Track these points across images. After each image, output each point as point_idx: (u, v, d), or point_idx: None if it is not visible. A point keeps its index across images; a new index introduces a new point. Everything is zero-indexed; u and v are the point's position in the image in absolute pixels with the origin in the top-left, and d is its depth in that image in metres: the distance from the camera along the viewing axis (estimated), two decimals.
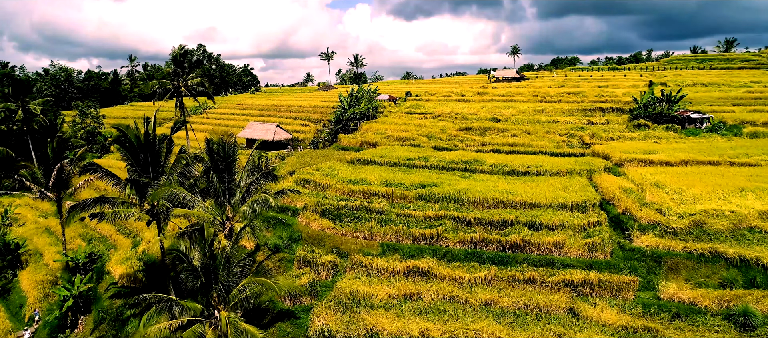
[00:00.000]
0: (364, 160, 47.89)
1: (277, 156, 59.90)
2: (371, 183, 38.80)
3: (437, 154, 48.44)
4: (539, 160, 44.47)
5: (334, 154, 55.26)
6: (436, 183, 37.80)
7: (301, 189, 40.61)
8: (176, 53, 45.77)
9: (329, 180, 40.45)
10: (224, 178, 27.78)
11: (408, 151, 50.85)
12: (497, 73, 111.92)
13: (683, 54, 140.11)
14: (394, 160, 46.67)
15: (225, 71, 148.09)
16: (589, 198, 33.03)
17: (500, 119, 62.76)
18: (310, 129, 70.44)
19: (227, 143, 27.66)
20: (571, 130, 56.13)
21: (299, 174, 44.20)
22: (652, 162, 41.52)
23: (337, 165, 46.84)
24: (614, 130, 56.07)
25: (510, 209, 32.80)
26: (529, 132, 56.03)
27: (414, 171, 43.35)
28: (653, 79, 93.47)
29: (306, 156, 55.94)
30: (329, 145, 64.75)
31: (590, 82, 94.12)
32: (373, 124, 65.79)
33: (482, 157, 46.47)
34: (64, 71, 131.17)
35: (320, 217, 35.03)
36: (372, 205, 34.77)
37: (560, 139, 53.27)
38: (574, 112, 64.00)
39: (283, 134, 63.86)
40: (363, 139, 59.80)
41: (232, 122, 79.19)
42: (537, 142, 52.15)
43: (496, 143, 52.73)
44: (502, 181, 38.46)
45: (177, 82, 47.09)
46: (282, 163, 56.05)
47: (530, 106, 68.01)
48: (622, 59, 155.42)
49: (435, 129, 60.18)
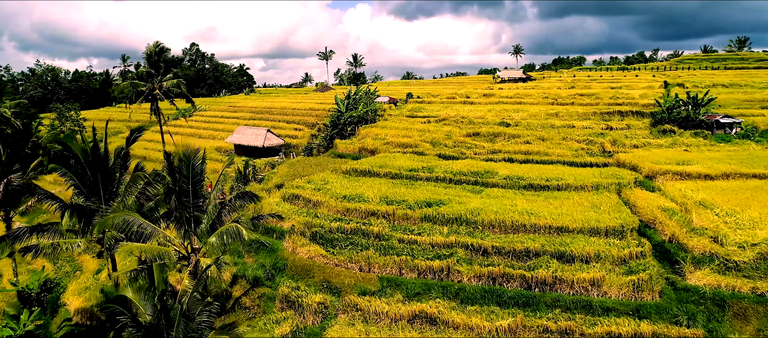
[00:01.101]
0: (361, 170, 42.83)
1: (267, 164, 54.84)
2: (369, 200, 33.74)
3: (443, 164, 43.39)
4: (558, 172, 39.44)
5: (328, 163, 50.21)
6: (444, 200, 32.75)
7: (290, 206, 35.53)
8: (150, 51, 40.66)
9: (321, 196, 35.39)
10: (188, 202, 22.73)
11: (410, 159, 45.81)
12: (503, 74, 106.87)
13: (694, 54, 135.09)
14: (396, 170, 41.62)
15: (219, 71, 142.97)
16: (625, 221, 27.97)
17: (510, 123, 57.70)
18: (304, 133, 65.41)
19: (192, 158, 22.59)
20: (590, 135, 51.07)
21: (288, 187, 39.14)
22: (688, 175, 36.48)
23: (332, 176, 41.77)
24: (637, 135, 51.02)
25: (533, 235, 27.74)
26: (543, 138, 50.97)
27: (418, 184, 38.30)
28: (668, 80, 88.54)
29: (298, 164, 50.86)
30: (325, 151, 59.72)
31: (601, 83, 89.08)
32: (371, 129, 60.75)
33: (494, 167, 41.42)
34: (50, 71, 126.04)
35: (309, 242, 29.98)
36: (370, 228, 29.70)
37: (578, 146, 48.21)
38: (590, 115, 58.95)
39: (274, 140, 58.81)
40: (361, 146, 54.78)
41: (221, 125, 74.15)
42: (553, 149, 47.09)
43: (508, 151, 47.67)
44: (519, 198, 33.41)
45: (151, 83, 41.99)
46: (271, 173, 51.00)
47: (542, 109, 62.94)
48: (630, 59, 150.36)
49: (439, 134, 55.12)
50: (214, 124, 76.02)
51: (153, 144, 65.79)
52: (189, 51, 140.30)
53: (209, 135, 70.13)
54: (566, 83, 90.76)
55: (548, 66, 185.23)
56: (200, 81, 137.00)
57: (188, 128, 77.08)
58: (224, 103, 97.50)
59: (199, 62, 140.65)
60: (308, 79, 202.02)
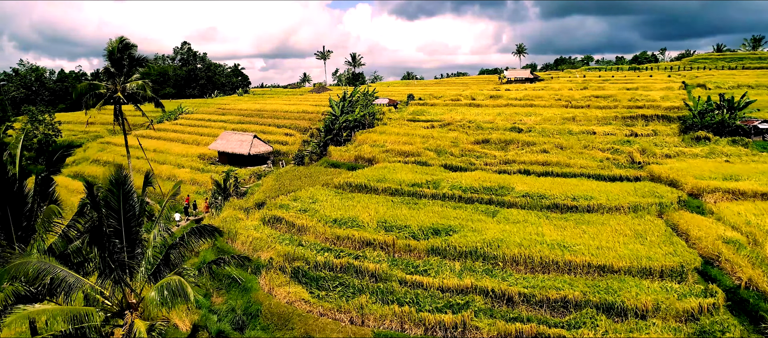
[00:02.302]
0: (356, 185, 37.22)
1: (252, 174, 49.21)
2: (364, 224, 28.13)
3: (450, 177, 37.77)
4: (584, 187, 33.85)
5: (320, 174, 44.59)
6: (454, 226, 27.15)
7: (270, 231, 29.90)
8: (113, 48, 34.97)
9: (308, 220, 29.76)
10: (119, 246, 17.08)
11: (412, 171, 40.20)
12: (509, 74, 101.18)
13: (707, 53, 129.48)
14: (396, 185, 36.02)
15: (211, 71, 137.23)
16: (683, 257, 22.37)
17: (523, 129, 52.10)
18: (295, 139, 59.78)
19: (122, 185, 16.92)
20: (614, 143, 45.45)
21: (270, 206, 33.53)
22: (742, 193, 30.86)
23: (322, 192, 36.15)
24: (666, 143, 45.43)
25: (569, 277, 22.14)
26: (561, 146, 45.33)
27: (422, 203, 32.68)
28: (686, 80, 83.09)
29: (286, 175, 45.21)
30: (317, 159, 54.10)
31: (615, 84, 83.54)
32: (369, 134, 55.16)
33: (509, 181, 35.82)
34: (34, 71, 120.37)
35: (290, 280, 24.37)
36: (364, 264, 24.07)
37: (603, 155, 42.58)
38: (611, 120, 53.33)
39: (261, 146, 53.18)
40: (357, 154, 49.16)
41: (206, 129, 68.50)
42: (575, 159, 41.46)
43: (524, 161, 42.05)
44: (544, 223, 27.79)
45: (114, 84, 36.34)
46: (256, 185, 45.35)
47: (556, 113, 57.37)
48: (639, 58, 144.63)
49: (444, 141, 49.51)
50: (199, 128, 70.38)
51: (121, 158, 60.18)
52: (180, 50, 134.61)
53: (193, 140, 64.49)
54: (577, 84, 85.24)
55: (550, 66, 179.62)
56: (192, 81, 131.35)
57: (171, 132, 71.49)
58: (213, 105, 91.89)
59: (191, 62, 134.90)
60: (306, 79, 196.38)
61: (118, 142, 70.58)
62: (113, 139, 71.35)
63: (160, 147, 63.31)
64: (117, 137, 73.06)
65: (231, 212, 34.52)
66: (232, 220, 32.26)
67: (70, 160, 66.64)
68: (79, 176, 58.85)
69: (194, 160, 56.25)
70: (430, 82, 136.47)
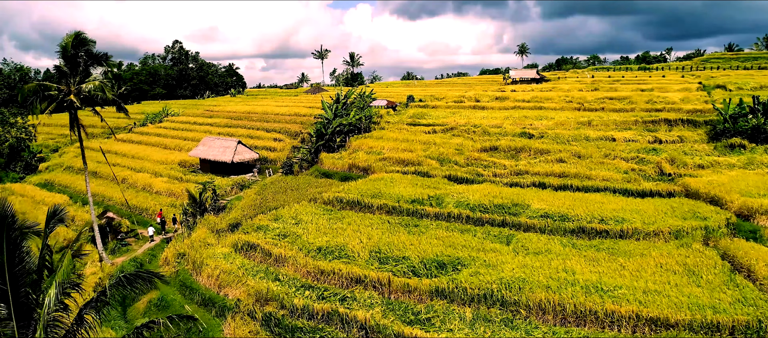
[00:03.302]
0: (348, 201, 32.45)
1: (235, 185, 44.44)
2: (355, 255, 23.36)
3: (455, 190, 32.99)
4: (613, 205, 29.06)
5: (309, 186, 39.83)
6: (463, 257, 22.39)
7: (243, 261, 25.10)
8: (66, 43, 30.19)
9: (287, 248, 24.97)
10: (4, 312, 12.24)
11: (412, 183, 35.45)
12: (514, 74, 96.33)
13: (720, 52, 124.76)
14: (393, 202, 31.25)
15: (204, 71, 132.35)
16: (759, 307, 17.56)
17: (534, 134, 47.32)
18: (284, 145, 54.99)
19: (7, 228, 12.06)
20: (638, 151, 40.68)
21: (246, 228, 28.73)
22: None
23: (308, 210, 31.34)
24: (696, 151, 40.64)
25: (613, 333, 17.34)
26: (579, 154, 40.54)
27: (423, 225, 27.93)
28: (702, 81, 78.36)
29: (271, 187, 40.42)
30: (308, 167, 49.32)
31: (627, 84, 78.82)
32: (365, 140, 50.37)
33: (523, 196, 31.08)
34: (18, 70, 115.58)
35: (260, 329, 19.57)
36: (352, 312, 19.27)
37: (627, 165, 37.79)
38: (630, 124, 48.52)
39: (246, 154, 48.40)
40: (351, 162, 44.40)
41: (191, 133, 63.72)
42: (596, 170, 36.68)
43: (538, 172, 37.27)
44: (572, 253, 23.02)
45: (67, 85, 31.55)
46: (236, 198, 40.57)
47: (569, 116, 52.58)
48: (649, 58, 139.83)
49: (448, 148, 44.73)
50: (184, 132, 65.60)
51: (97, 165, 55.21)
52: (172, 49, 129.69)
53: (175, 145, 59.70)
54: (587, 84, 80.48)
55: (552, 66, 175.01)
56: (183, 81, 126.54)
57: (154, 136, 66.72)
58: (201, 107, 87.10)
59: (183, 61, 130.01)
60: (304, 79, 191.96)
61: (98, 146, 65.87)
62: (91, 144, 66.57)
63: (139, 152, 58.59)
64: (95, 142, 68.33)
65: (202, 233, 29.73)
66: (201, 245, 27.48)
67: (43, 167, 61.92)
68: (49, 185, 54.11)
69: (174, 167, 51.48)
70: (431, 82, 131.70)
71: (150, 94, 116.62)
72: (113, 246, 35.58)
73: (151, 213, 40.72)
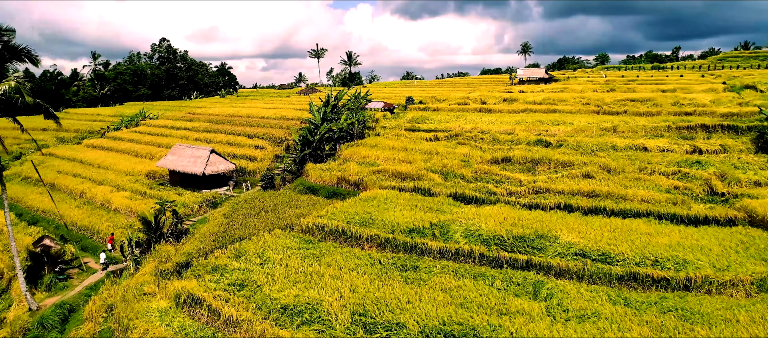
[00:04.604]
0: (332, 230, 26.23)
1: (204, 202, 38.19)
2: (330, 319, 17.12)
3: (463, 214, 26.79)
4: (664, 238, 22.86)
5: (289, 205, 33.62)
6: (479, 328, 16.16)
7: (183, 321, 18.83)
8: None
9: (241, 306, 18.70)
10: None
11: (411, 205, 29.26)
12: (521, 73, 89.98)
13: (737, 51, 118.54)
14: (387, 232, 25.05)
15: (193, 70, 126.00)
16: None
17: (551, 142, 41.10)
18: (267, 153, 48.73)
19: None
20: (678, 164, 34.44)
21: (197, 270, 22.44)
22: None
23: (281, 243, 25.11)
24: (748, 164, 34.31)
25: None
26: (608, 168, 34.32)
27: (424, 267, 21.70)
28: (725, 80, 72.18)
29: (244, 207, 34.14)
30: (292, 178, 43.16)
31: (644, 85, 72.77)
32: (358, 148, 44.19)
33: (547, 223, 24.93)
34: None
35: None
36: None
37: (668, 182, 31.52)
38: (662, 131, 42.25)
39: (220, 165, 42.16)
40: (340, 174, 38.21)
41: (166, 139, 57.45)
42: (633, 188, 30.43)
43: (562, 190, 31.02)
44: (628, 319, 16.78)
45: None
46: (201, 221, 34.31)
47: (589, 121, 46.38)
48: (660, 57, 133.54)
49: (452, 159, 38.53)
50: (158, 138, 59.33)
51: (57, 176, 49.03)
52: (158, 47, 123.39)
53: (147, 153, 53.44)
54: (601, 85, 74.30)
55: (555, 66, 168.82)
56: (171, 81, 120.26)
57: (127, 142, 60.54)
58: (184, 109, 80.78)
59: (170, 60, 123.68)
60: (301, 79, 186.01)
61: (63, 153, 59.60)
62: (57, 150, 60.31)
63: (106, 161, 52.31)
64: (62, 148, 62.08)
65: (143, 275, 23.49)
66: (135, 295, 21.23)
67: None
68: None
69: (140, 179, 45.26)
70: (432, 82, 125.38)
71: (134, 95, 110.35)
72: (49, 281, 29.40)
73: (103, 237, 34.55)
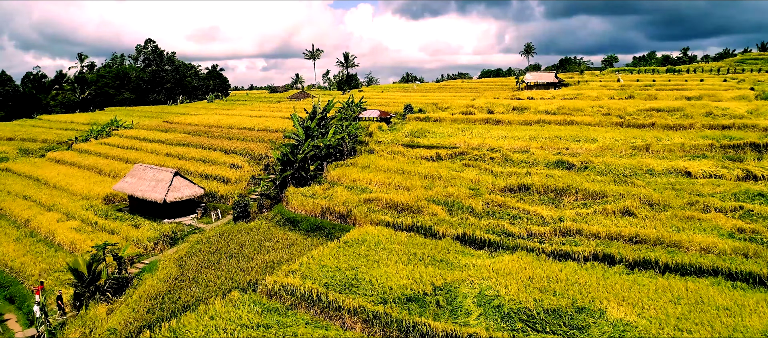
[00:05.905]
0: (304, 295, 20.03)
1: (162, 237, 31.86)
2: None
3: (475, 270, 20.63)
4: (753, 319, 16.72)
5: (259, 247, 27.40)
6: None
7: None
8: None
9: None
10: None
11: (409, 253, 23.11)
12: (529, 77, 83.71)
13: (757, 53, 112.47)
14: (376, 302, 18.90)
15: (180, 73, 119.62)
16: None
17: (575, 164, 34.90)
18: (243, 173, 42.44)
19: None
20: (734, 196, 28.23)
21: None
22: None
23: (234, 317, 18.91)
24: None
25: None
26: (650, 201, 28.11)
27: None
28: (752, 86, 66.17)
29: (203, 248, 27.87)
30: (271, 205, 36.98)
31: (664, 91, 66.68)
32: (347, 169, 38.02)
33: (584, 284, 18.87)
34: None
35: None
36: None
37: (730, 222, 25.30)
38: (703, 150, 36.02)
39: (185, 189, 35.95)
40: (326, 203, 32.02)
41: (134, 154, 51.17)
42: (686, 232, 24.25)
43: (597, 233, 24.82)
44: None
45: None
46: (149, 269, 28.00)
47: (615, 137, 40.14)
48: (672, 59, 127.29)
49: (458, 187, 32.35)
50: (127, 151, 53.02)
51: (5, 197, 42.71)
52: (144, 48, 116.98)
53: (111, 170, 47.15)
54: (618, 91, 68.10)
55: (557, 67, 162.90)
56: (157, 85, 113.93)
57: (93, 155, 54.24)
58: (167, 115, 74.45)
59: (156, 62, 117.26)
60: (299, 80, 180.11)
61: (21, 169, 53.24)
62: (15, 165, 53.93)
63: (63, 179, 46.02)
64: (21, 162, 55.75)
65: None
66: None
67: None
68: None
69: (96, 204, 39.01)
70: (432, 86, 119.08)
71: (117, 100, 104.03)
72: None
73: (32, 284, 28.32)
